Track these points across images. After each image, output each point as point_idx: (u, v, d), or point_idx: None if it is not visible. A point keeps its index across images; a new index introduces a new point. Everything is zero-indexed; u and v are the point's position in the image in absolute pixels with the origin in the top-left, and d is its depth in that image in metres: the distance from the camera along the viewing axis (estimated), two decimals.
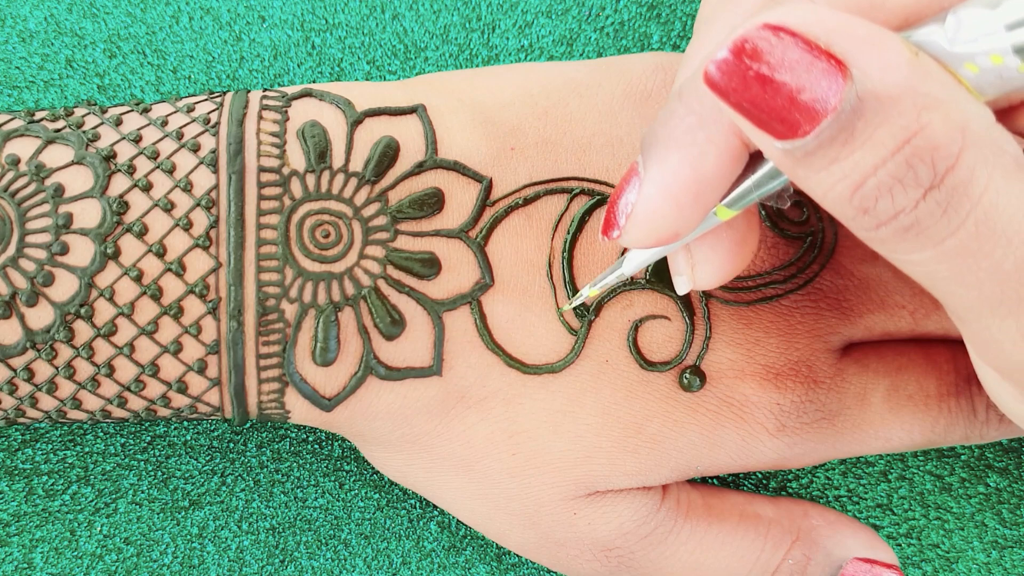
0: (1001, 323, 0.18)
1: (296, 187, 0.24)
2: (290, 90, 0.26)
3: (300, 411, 0.25)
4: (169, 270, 0.23)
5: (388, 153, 0.25)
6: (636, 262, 0.23)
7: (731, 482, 0.31)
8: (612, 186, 0.26)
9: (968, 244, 0.17)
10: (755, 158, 0.19)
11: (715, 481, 0.31)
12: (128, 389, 0.24)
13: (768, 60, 0.16)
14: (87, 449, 0.30)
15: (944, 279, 0.17)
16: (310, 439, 0.31)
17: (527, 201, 0.25)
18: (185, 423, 0.30)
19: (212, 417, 0.26)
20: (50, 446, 0.30)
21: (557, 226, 0.25)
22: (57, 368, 0.23)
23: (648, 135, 0.19)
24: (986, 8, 0.16)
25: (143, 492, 0.30)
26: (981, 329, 0.18)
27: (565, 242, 0.25)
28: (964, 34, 0.16)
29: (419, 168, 0.25)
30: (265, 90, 0.26)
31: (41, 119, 0.25)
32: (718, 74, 0.17)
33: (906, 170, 0.16)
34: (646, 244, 0.20)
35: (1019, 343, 0.18)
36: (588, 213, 0.25)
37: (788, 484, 0.31)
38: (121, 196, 0.23)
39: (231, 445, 0.30)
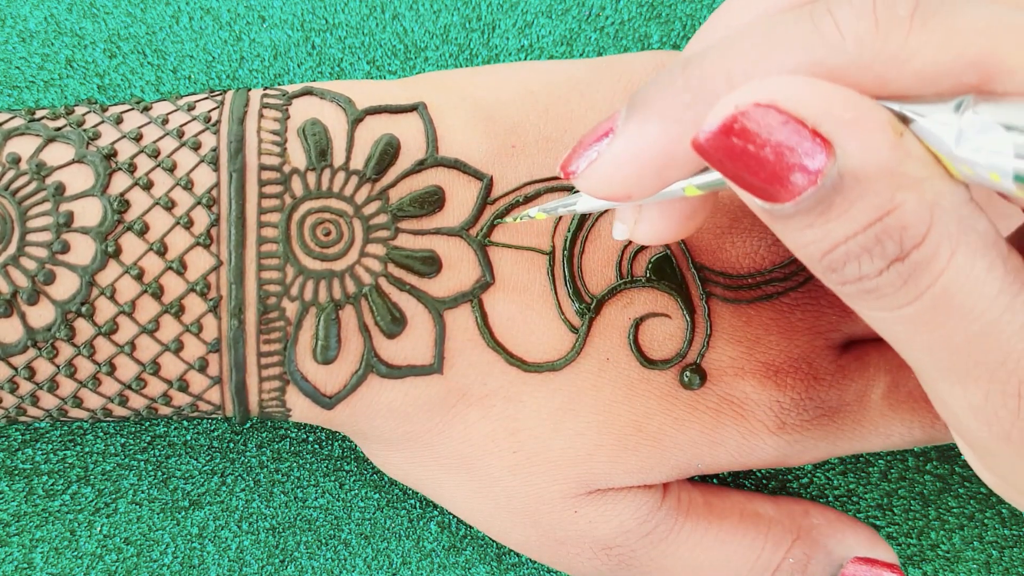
0: (950, 388, 0.18)
1: (297, 185, 0.24)
2: (291, 88, 0.26)
3: (301, 409, 0.25)
4: (170, 268, 0.23)
5: (389, 151, 0.25)
6: (589, 205, 0.23)
7: (731, 481, 0.31)
8: None
9: (923, 314, 0.17)
10: None
11: (715, 480, 0.31)
12: (129, 387, 0.24)
13: (756, 140, 0.17)
14: (87, 449, 0.30)
15: (901, 339, 0.18)
16: (310, 439, 0.31)
17: (528, 199, 0.25)
18: (185, 423, 0.30)
19: (213, 416, 0.26)
20: (50, 446, 0.30)
21: (557, 224, 0.26)
22: (58, 366, 0.23)
23: (640, 93, 0.19)
24: (1002, 128, 0.16)
25: (143, 492, 0.30)
26: (934, 390, 0.19)
27: (566, 240, 0.25)
28: (972, 142, 0.16)
29: (420, 166, 0.25)
30: (266, 88, 0.26)
31: (42, 118, 0.25)
32: (706, 145, 0.17)
33: (875, 243, 0.17)
34: (597, 195, 0.20)
35: (966, 410, 0.18)
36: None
37: (788, 483, 0.31)
38: (122, 194, 0.23)
39: (231, 445, 0.30)
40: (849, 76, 0.17)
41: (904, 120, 0.17)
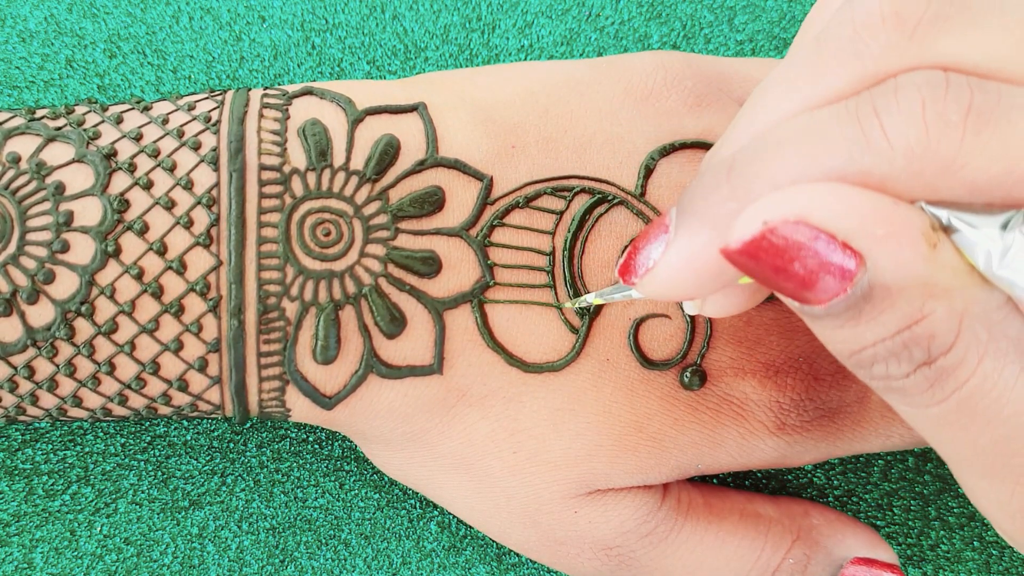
0: (976, 481, 0.19)
1: (297, 185, 0.24)
2: (291, 88, 0.26)
3: (301, 409, 0.25)
4: (170, 268, 0.23)
5: (389, 151, 0.25)
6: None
7: (731, 481, 0.31)
8: (613, 184, 0.26)
9: (950, 415, 0.17)
10: None
11: (715, 480, 0.31)
12: (129, 387, 0.24)
13: (784, 255, 0.17)
14: (87, 449, 0.30)
15: (928, 432, 0.18)
16: (310, 439, 0.31)
17: (528, 199, 0.25)
18: (185, 423, 0.30)
19: (213, 416, 0.26)
20: (50, 446, 0.30)
21: (558, 224, 0.26)
22: (58, 366, 0.23)
23: (687, 199, 0.19)
24: None
25: (143, 492, 0.30)
26: (960, 478, 0.19)
27: (566, 240, 0.25)
28: (1015, 263, 0.16)
29: (420, 166, 0.25)
30: (266, 88, 0.26)
31: (42, 117, 0.25)
32: (734, 256, 0.17)
33: (902, 349, 0.17)
34: (660, 298, 0.20)
35: (992, 503, 0.19)
36: (588, 211, 0.25)
37: (788, 484, 0.31)
38: (122, 194, 0.23)
39: (231, 445, 0.30)
40: (897, 185, 0.17)
41: (945, 229, 0.17)
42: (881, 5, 0.18)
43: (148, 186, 0.23)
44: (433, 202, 0.25)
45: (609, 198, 0.26)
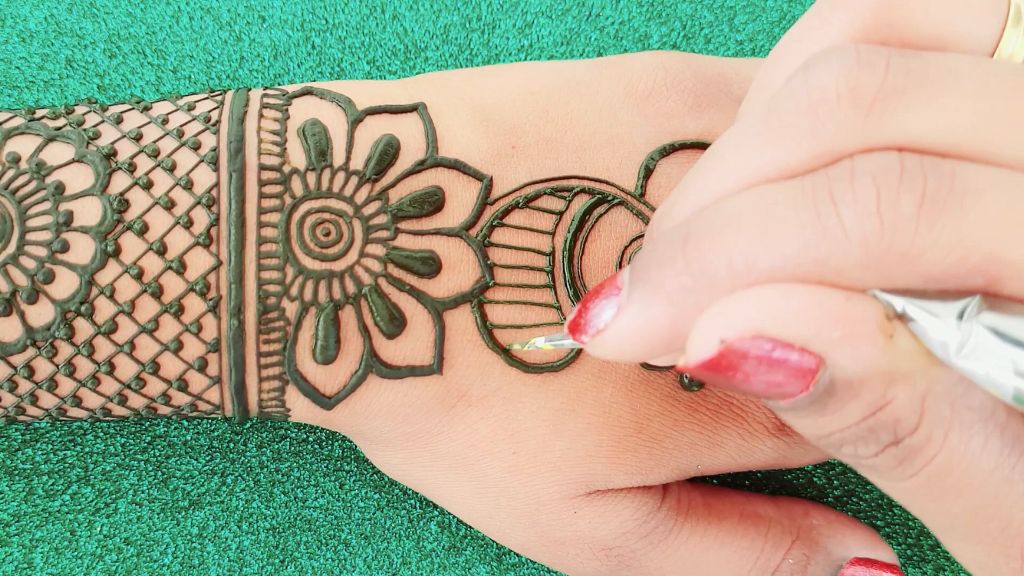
0: (955, 544, 0.19)
1: (297, 185, 0.24)
2: (291, 88, 0.26)
3: (300, 409, 0.25)
4: (169, 268, 0.23)
5: (389, 151, 0.25)
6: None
7: (731, 482, 0.31)
8: (612, 185, 0.26)
9: (921, 488, 0.18)
10: None
11: (715, 481, 0.31)
12: (128, 387, 0.24)
13: (743, 368, 0.17)
14: (87, 449, 0.30)
15: (903, 502, 0.19)
16: (310, 439, 0.31)
17: (527, 200, 0.25)
18: (185, 423, 0.30)
19: (213, 416, 0.26)
20: (50, 446, 0.30)
21: (558, 224, 0.26)
22: (57, 366, 0.23)
23: (640, 266, 0.19)
24: (1004, 342, 0.16)
25: (143, 492, 0.30)
26: (940, 539, 0.20)
27: (566, 240, 0.25)
28: (972, 354, 0.16)
29: (420, 166, 0.25)
30: (266, 88, 0.26)
31: (42, 117, 0.25)
32: (696, 370, 0.17)
33: (868, 433, 0.17)
34: (607, 358, 0.20)
35: (970, 563, 0.19)
36: (588, 212, 0.25)
37: (788, 484, 0.31)
38: (122, 194, 0.23)
39: (231, 445, 0.30)
40: (852, 274, 0.17)
41: (900, 318, 0.17)
42: (836, 81, 0.17)
43: (148, 186, 0.23)
44: (433, 202, 0.25)
45: (609, 198, 0.26)
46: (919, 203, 0.16)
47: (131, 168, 0.24)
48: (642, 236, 0.26)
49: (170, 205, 0.23)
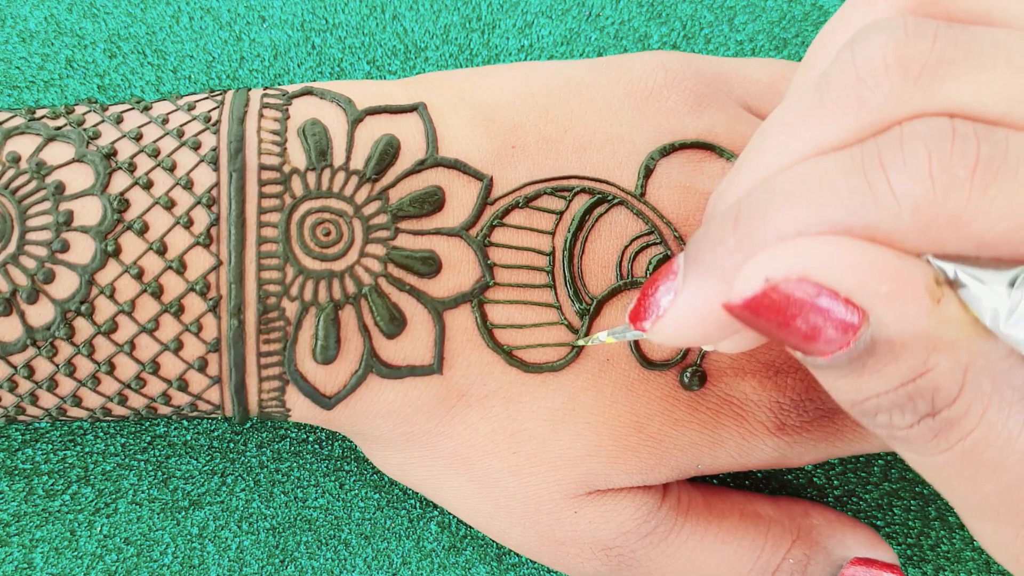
0: (981, 525, 0.19)
1: (297, 185, 0.24)
2: (291, 88, 0.26)
3: (300, 409, 0.25)
4: (170, 268, 0.23)
5: (389, 151, 0.25)
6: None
7: (731, 481, 0.31)
8: (613, 184, 0.26)
9: (953, 464, 0.18)
10: None
11: (715, 480, 0.31)
12: (128, 387, 0.24)
13: (787, 311, 0.17)
14: (87, 449, 0.30)
15: (932, 478, 0.19)
16: (310, 439, 0.31)
17: (528, 199, 0.25)
18: (185, 423, 0.30)
19: (213, 415, 0.26)
20: (50, 446, 0.30)
21: (558, 224, 0.26)
22: (57, 365, 0.23)
23: (694, 248, 0.19)
24: None
25: (143, 492, 0.30)
26: (965, 520, 0.19)
27: (566, 240, 0.25)
28: (1022, 322, 0.16)
29: (420, 166, 0.25)
30: (266, 88, 0.26)
31: (42, 117, 0.25)
32: (738, 310, 0.17)
33: (906, 401, 0.17)
34: (669, 345, 0.20)
35: (996, 544, 0.19)
36: (588, 211, 0.25)
37: (788, 484, 0.31)
38: (122, 194, 0.23)
39: (231, 445, 0.30)
40: (903, 239, 0.16)
41: (951, 283, 0.16)
42: (884, 51, 0.17)
43: (148, 186, 0.23)
44: (433, 202, 0.25)
45: (609, 198, 0.26)
46: (972, 167, 0.16)
47: (131, 168, 0.24)
48: (642, 236, 0.26)
49: (170, 205, 0.23)
